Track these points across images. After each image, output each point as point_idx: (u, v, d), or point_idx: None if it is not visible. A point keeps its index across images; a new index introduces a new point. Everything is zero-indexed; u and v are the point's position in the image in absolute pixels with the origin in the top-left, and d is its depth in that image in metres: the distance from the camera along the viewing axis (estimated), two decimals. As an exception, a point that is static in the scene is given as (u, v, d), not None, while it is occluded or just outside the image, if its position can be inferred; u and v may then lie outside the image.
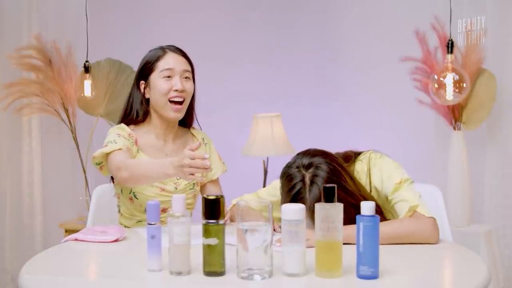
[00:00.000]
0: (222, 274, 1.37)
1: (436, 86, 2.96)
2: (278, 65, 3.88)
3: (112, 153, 1.96)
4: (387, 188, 1.79)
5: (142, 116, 2.09)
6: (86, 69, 3.57)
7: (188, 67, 2.09)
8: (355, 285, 1.32)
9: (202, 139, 2.21)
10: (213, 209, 1.35)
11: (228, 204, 1.94)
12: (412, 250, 1.63)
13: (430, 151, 3.35)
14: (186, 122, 2.19)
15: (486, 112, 3.07)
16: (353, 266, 1.37)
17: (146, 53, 2.12)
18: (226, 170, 2.26)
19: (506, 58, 3.08)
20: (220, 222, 1.35)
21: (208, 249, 1.35)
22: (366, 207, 1.34)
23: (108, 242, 1.74)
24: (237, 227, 1.34)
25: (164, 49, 2.09)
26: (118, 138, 2.00)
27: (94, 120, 3.66)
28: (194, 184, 2.14)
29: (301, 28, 3.86)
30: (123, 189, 2.07)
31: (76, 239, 1.77)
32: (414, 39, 3.11)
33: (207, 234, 1.34)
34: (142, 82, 2.09)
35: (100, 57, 3.65)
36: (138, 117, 2.09)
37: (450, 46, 2.95)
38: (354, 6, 3.77)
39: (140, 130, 2.10)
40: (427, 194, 1.89)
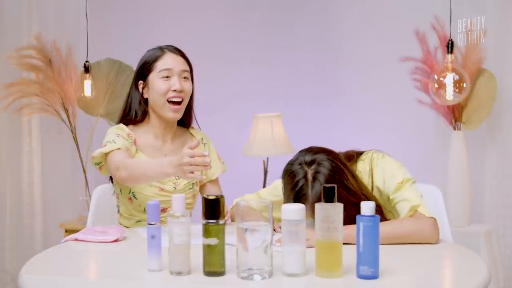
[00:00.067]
0: (222, 274, 1.37)
1: (436, 86, 2.96)
2: (278, 65, 3.87)
3: (111, 153, 1.96)
4: (389, 187, 1.79)
5: (140, 116, 2.09)
6: (86, 69, 3.57)
7: (186, 67, 2.08)
8: (355, 285, 1.32)
9: (201, 139, 2.21)
10: (213, 209, 1.35)
11: (230, 204, 1.94)
12: (412, 250, 1.63)
13: (430, 151, 3.35)
14: (185, 122, 2.18)
15: (486, 112, 3.07)
16: (353, 266, 1.37)
17: (145, 53, 2.13)
18: (225, 170, 2.26)
19: (506, 58, 3.08)
20: (220, 222, 1.35)
21: (208, 249, 1.35)
22: (366, 207, 1.34)
23: (108, 242, 1.74)
24: (237, 227, 1.34)
25: (162, 49, 2.08)
26: (117, 138, 2.00)
27: (94, 120, 3.66)
28: (194, 184, 2.14)
29: (301, 28, 3.86)
30: (122, 189, 2.07)
31: (76, 239, 1.77)
32: (414, 39, 3.11)
33: (207, 234, 1.34)
34: (141, 82, 2.09)
35: (100, 57, 3.65)
36: (136, 117, 2.09)
37: (450, 46, 2.95)
38: (354, 6, 3.77)
39: (139, 130, 2.10)
40: (427, 194, 1.89)
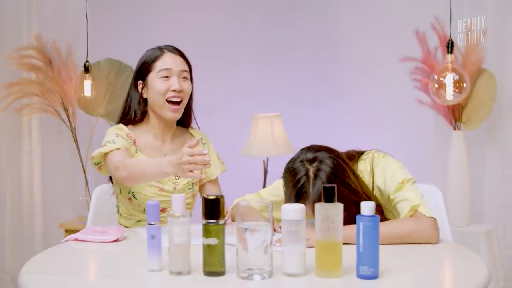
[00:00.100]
0: (222, 274, 1.37)
1: (436, 86, 2.96)
2: (278, 65, 3.87)
3: (110, 152, 1.96)
4: (390, 187, 1.79)
5: (140, 116, 2.09)
6: (86, 69, 3.57)
7: (185, 67, 2.08)
8: (355, 285, 1.32)
9: (201, 139, 2.21)
10: (213, 209, 1.35)
11: (230, 204, 1.94)
12: (412, 250, 1.63)
13: (430, 151, 3.35)
14: (184, 122, 2.18)
15: (486, 112, 3.07)
16: (353, 266, 1.37)
17: (145, 53, 2.12)
18: (225, 170, 2.26)
19: (506, 58, 3.08)
20: (220, 222, 1.35)
21: (208, 249, 1.35)
22: (366, 207, 1.34)
23: (108, 242, 1.74)
24: (237, 227, 1.34)
25: (161, 49, 2.08)
26: (117, 138, 2.00)
27: (94, 120, 3.66)
28: (193, 183, 2.14)
29: (301, 28, 3.86)
30: (122, 189, 2.07)
31: (76, 239, 1.77)
32: (414, 39, 3.11)
33: (207, 234, 1.34)
34: (140, 82, 2.09)
35: (100, 57, 3.65)
36: (136, 117, 2.09)
37: (450, 46, 2.95)
38: (354, 6, 3.77)
39: (138, 130, 2.10)
40: (427, 194, 1.89)
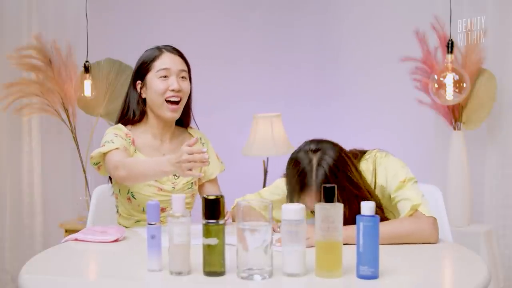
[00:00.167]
0: (222, 274, 1.37)
1: (436, 86, 2.96)
2: (278, 65, 3.87)
3: (109, 152, 1.96)
4: (391, 186, 1.79)
5: (138, 116, 2.09)
6: (86, 69, 3.57)
7: (184, 67, 2.09)
8: (355, 285, 1.32)
9: (200, 139, 2.21)
10: (213, 209, 1.34)
11: (230, 204, 1.94)
12: (412, 250, 1.63)
13: (430, 151, 3.35)
14: (183, 122, 2.18)
15: (486, 112, 3.07)
16: (353, 266, 1.37)
17: (143, 53, 2.12)
18: (224, 169, 2.26)
19: (506, 58, 3.08)
20: (220, 222, 1.35)
21: (208, 249, 1.35)
22: (366, 207, 1.34)
23: (108, 242, 1.74)
24: (237, 227, 1.34)
25: (160, 49, 2.08)
26: (115, 138, 2.00)
27: (94, 120, 3.66)
28: (192, 183, 2.14)
29: (301, 28, 3.86)
30: (121, 189, 2.07)
31: (76, 239, 1.77)
32: (414, 39, 3.11)
33: (207, 234, 1.34)
34: (139, 82, 2.09)
35: (100, 57, 3.65)
36: (135, 117, 2.09)
37: (450, 46, 2.95)
38: (354, 6, 3.76)
39: (137, 130, 2.10)
40: (427, 194, 1.89)
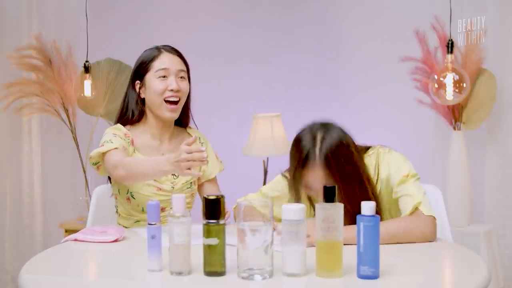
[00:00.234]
0: (222, 274, 1.37)
1: (436, 86, 2.96)
2: (278, 65, 3.87)
3: (108, 152, 1.96)
4: (394, 179, 1.80)
5: (137, 116, 2.10)
6: (86, 69, 3.57)
7: (183, 67, 2.09)
8: (356, 285, 1.32)
9: (199, 139, 2.20)
10: (213, 209, 1.34)
11: (230, 204, 1.94)
12: (412, 250, 1.63)
13: (430, 151, 3.35)
14: (182, 121, 2.19)
15: (486, 112, 3.07)
16: (353, 266, 1.37)
17: (142, 53, 2.12)
18: (223, 169, 2.26)
19: (506, 58, 3.08)
20: (220, 222, 1.35)
21: (208, 249, 1.35)
22: (366, 207, 1.34)
23: (107, 242, 1.73)
24: (237, 227, 1.34)
25: (159, 49, 2.09)
26: (114, 137, 2.00)
27: (94, 120, 3.66)
28: (192, 183, 2.14)
29: (301, 28, 3.86)
30: (120, 189, 2.07)
31: (75, 239, 1.76)
32: (414, 39, 3.11)
33: (208, 234, 1.34)
34: (138, 82, 2.09)
35: (100, 57, 3.65)
36: (133, 117, 2.09)
37: (450, 46, 2.95)
38: (354, 6, 3.76)
39: (136, 130, 2.10)
40: (427, 194, 1.89)
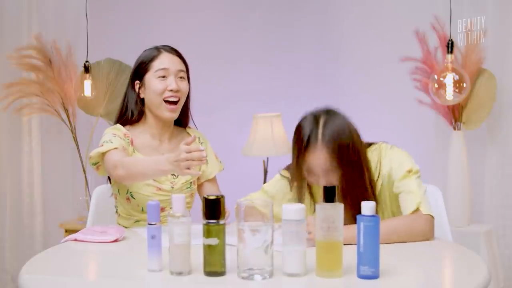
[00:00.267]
0: (222, 274, 1.37)
1: (436, 86, 2.96)
2: (278, 65, 3.87)
3: (108, 152, 1.96)
4: (396, 174, 1.80)
5: (137, 116, 2.10)
6: (86, 69, 3.57)
7: (182, 67, 2.09)
8: (356, 285, 1.32)
9: (198, 138, 2.20)
10: (213, 209, 1.35)
11: (230, 204, 1.94)
12: (412, 250, 1.63)
13: (430, 151, 3.34)
14: (182, 121, 2.19)
15: (486, 112, 3.07)
16: (353, 266, 1.37)
17: (142, 53, 2.12)
18: (223, 169, 2.26)
19: (506, 58, 3.08)
20: (220, 222, 1.35)
21: (208, 249, 1.35)
22: (366, 207, 1.34)
23: (107, 242, 1.73)
24: (237, 227, 1.34)
25: (159, 49, 2.09)
26: (114, 137, 2.00)
27: (94, 120, 3.66)
28: (191, 183, 2.14)
29: (301, 28, 3.86)
30: (120, 189, 2.07)
31: (75, 239, 1.76)
32: (414, 39, 3.11)
33: (208, 234, 1.34)
34: (137, 82, 2.09)
35: (100, 57, 3.65)
36: (133, 117, 2.09)
37: (450, 46, 2.95)
38: (354, 6, 3.76)
39: (135, 130, 2.10)
40: (427, 194, 1.89)
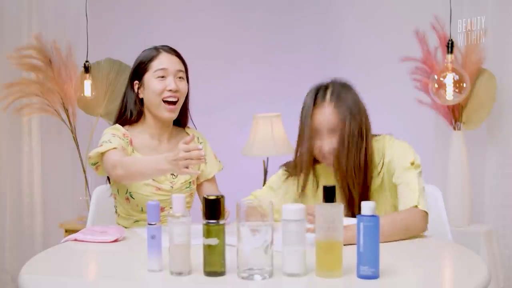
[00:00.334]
0: (222, 274, 1.37)
1: (436, 86, 2.96)
2: (278, 65, 3.87)
3: (107, 152, 1.96)
4: (398, 164, 1.82)
5: (136, 116, 2.09)
6: (86, 69, 3.57)
7: (181, 67, 2.09)
8: (356, 285, 1.32)
9: (197, 138, 2.20)
10: (213, 209, 1.35)
11: (231, 204, 1.94)
12: (412, 250, 1.63)
13: (430, 151, 3.34)
14: (181, 122, 2.19)
15: (486, 112, 3.07)
16: (353, 266, 1.37)
17: (141, 53, 2.12)
18: (222, 168, 2.26)
19: (506, 58, 3.08)
20: (220, 222, 1.35)
21: (208, 249, 1.35)
22: (366, 207, 1.34)
23: (107, 242, 1.73)
24: (237, 227, 1.34)
25: (158, 49, 2.08)
26: (113, 137, 2.00)
27: (94, 120, 3.66)
28: (190, 182, 2.14)
29: (301, 28, 3.86)
30: (120, 189, 2.07)
31: (75, 239, 1.77)
32: (414, 39, 3.11)
33: (208, 234, 1.34)
34: (136, 82, 2.09)
35: (100, 57, 3.65)
36: (132, 117, 2.09)
37: (450, 46, 2.95)
38: (354, 6, 3.76)
39: (134, 130, 2.10)
40: (427, 194, 1.89)
